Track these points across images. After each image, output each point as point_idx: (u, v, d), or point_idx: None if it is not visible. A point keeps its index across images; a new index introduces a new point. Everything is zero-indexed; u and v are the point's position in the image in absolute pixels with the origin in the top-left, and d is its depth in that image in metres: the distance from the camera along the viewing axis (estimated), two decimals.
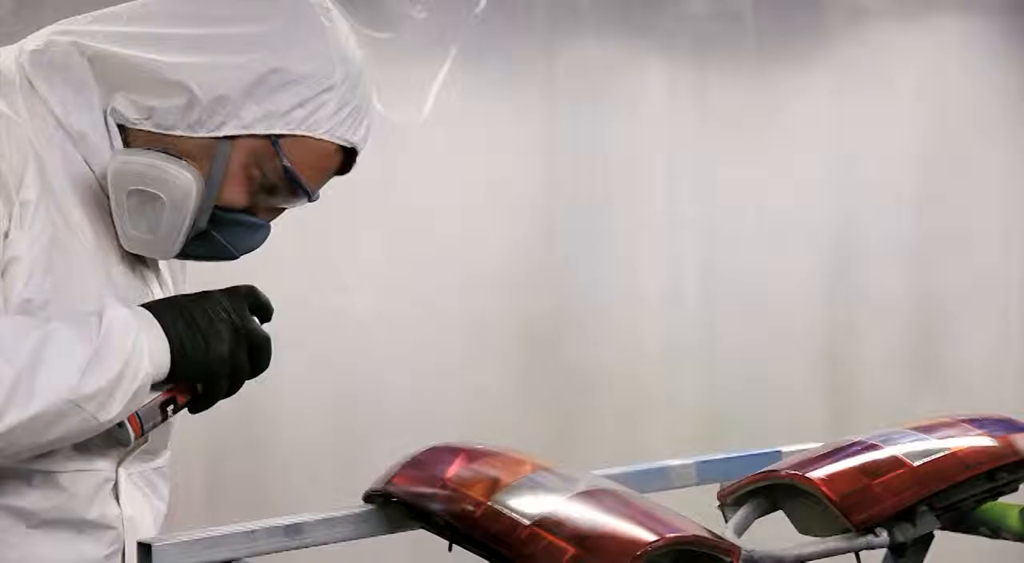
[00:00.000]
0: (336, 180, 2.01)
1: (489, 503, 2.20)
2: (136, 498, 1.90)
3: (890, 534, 2.36)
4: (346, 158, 1.81)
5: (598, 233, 5.08)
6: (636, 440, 4.97)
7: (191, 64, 1.69)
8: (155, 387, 1.70)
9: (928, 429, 2.59)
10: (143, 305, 1.69)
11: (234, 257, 1.82)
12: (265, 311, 1.79)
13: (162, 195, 1.69)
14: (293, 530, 2.26)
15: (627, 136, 5.16)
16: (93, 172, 1.73)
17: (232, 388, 1.74)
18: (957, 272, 5.83)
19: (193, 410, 1.76)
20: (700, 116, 5.32)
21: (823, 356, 5.57)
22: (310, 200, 1.81)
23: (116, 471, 1.84)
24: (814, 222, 5.56)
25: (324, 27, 1.75)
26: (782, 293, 5.45)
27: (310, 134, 1.74)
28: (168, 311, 1.67)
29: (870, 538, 2.35)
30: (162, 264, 1.88)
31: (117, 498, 1.85)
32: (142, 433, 1.72)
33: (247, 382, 1.78)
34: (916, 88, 5.79)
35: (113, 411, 1.61)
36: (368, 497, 2.41)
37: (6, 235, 1.62)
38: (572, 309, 5.01)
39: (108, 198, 1.72)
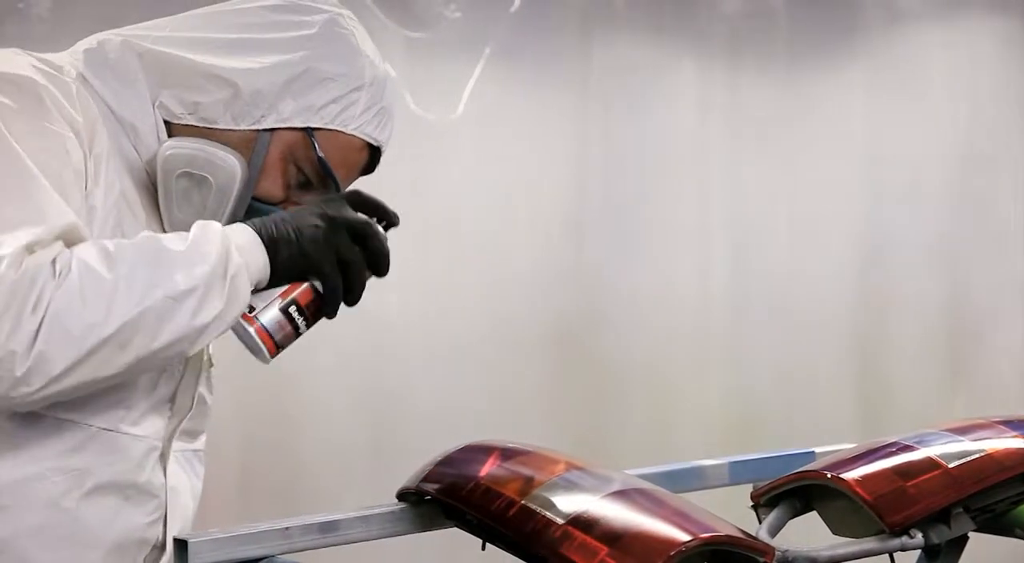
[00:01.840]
0: (367, 178, 2.07)
1: (523, 502, 2.20)
2: (178, 472, 2.00)
3: (924, 536, 2.35)
4: (371, 158, 1.96)
5: (628, 233, 5.07)
6: (666, 440, 4.97)
7: (237, 62, 1.85)
8: (265, 290, 1.74)
9: (962, 430, 2.58)
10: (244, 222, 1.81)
11: None
12: (377, 210, 1.85)
13: (210, 177, 1.80)
14: (328, 527, 2.27)
15: (658, 136, 5.15)
16: (142, 162, 1.86)
17: (350, 282, 1.77)
18: (989, 273, 5.80)
19: (328, 314, 1.78)
20: (732, 116, 5.30)
21: (854, 357, 5.55)
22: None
23: (165, 443, 1.95)
24: (845, 223, 5.54)
25: (353, 34, 1.92)
26: (813, 294, 5.44)
27: (342, 129, 1.89)
28: (260, 221, 1.77)
29: (904, 539, 2.34)
30: None
31: (164, 469, 1.95)
32: (274, 344, 1.75)
33: (377, 279, 1.82)
34: (949, 88, 5.77)
35: (216, 306, 1.67)
36: (401, 495, 2.42)
37: (86, 176, 1.75)
38: (602, 309, 5.00)
39: (155, 187, 1.85)
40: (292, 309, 1.75)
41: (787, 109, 5.39)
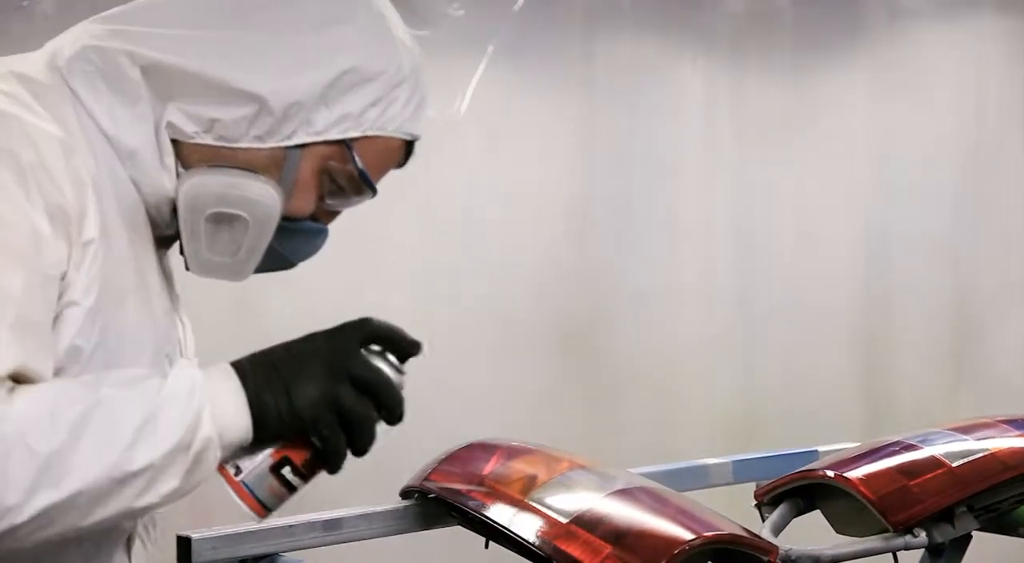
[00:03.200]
0: None
1: (526, 500, 2.20)
2: (140, 551, 1.71)
3: (928, 535, 2.36)
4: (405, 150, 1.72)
5: (633, 232, 5.07)
6: (670, 439, 4.96)
7: (262, 70, 1.55)
8: (252, 448, 1.45)
9: (966, 430, 2.58)
10: (233, 363, 1.48)
11: (291, 267, 1.71)
12: (394, 342, 1.51)
13: (245, 215, 1.55)
14: (331, 525, 2.28)
15: (663, 135, 5.15)
16: (139, 194, 1.56)
17: (357, 436, 1.46)
18: (994, 272, 5.79)
19: (330, 471, 1.48)
20: (737, 115, 5.30)
21: (858, 356, 5.54)
22: (372, 197, 1.68)
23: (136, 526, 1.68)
24: (850, 222, 5.54)
25: (384, 18, 1.63)
26: (818, 293, 5.43)
27: (381, 133, 1.61)
28: (250, 362, 1.47)
29: (908, 538, 2.34)
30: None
31: (128, 552, 1.67)
32: (262, 506, 1.47)
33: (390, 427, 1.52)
34: (954, 87, 5.76)
35: (169, 485, 1.39)
36: (405, 493, 2.42)
37: (63, 277, 1.44)
38: (607, 308, 5.00)
39: (152, 223, 1.58)
40: (286, 470, 1.47)
41: (792, 108, 5.39)
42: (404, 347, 1.51)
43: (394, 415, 1.49)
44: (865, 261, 5.61)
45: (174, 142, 1.56)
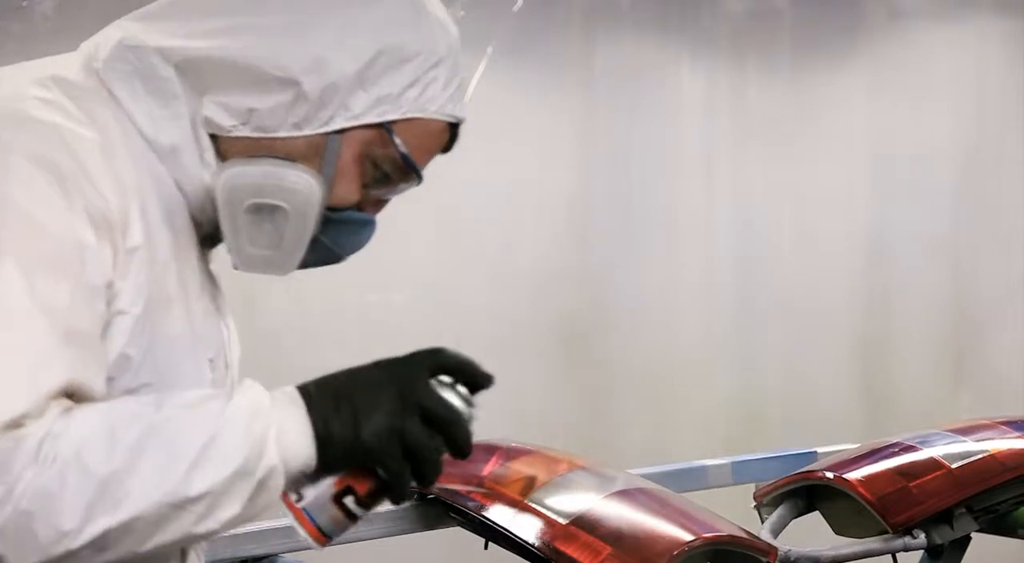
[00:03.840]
0: None
1: (526, 501, 2.20)
2: (194, 560, 1.72)
3: (927, 536, 2.36)
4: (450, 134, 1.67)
5: (633, 233, 5.07)
6: (669, 440, 4.96)
7: (295, 54, 1.51)
8: (316, 476, 1.41)
9: (965, 431, 2.58)
10: (299, 387, 1.44)
11: (340, 261, 1.66)
12: (465, 373, 1.46)
13: (284, 205, 1.52)
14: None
15: (663, 135, 5.15)
16: (182, 194, 1.53)
17: (424, 468, 1.40)
18: (993, 273, 5.79)
19: (393, 500, 1.43)
20: (736, 116, 5.30)
21: (858, 357, 5.54)
22: (419, 183, 1.64)
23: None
24: (850, 223, 5.54)
25: None
26: (817, 294, 5.43)
27: (421, 115, 1.55)
28: (318, 388, 1.42)
29: (907, 540, 2.35)
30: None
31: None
32: (323, 534, 1.43)
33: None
34: (953, 88, 5.76)
35: (231, 511, 1.34)
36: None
37: (110, 285, 1.41)
38: (607, 308, 5.00)
39: (195, 223, 1.55)
40: (348, 499, 1.42)
41: (792, 109, 5.39)
42: (476, 379, 1.46)
43: (461, 450, 1.44)
44: (865, 261, 5.62)
45: (212, 137, 1.53)
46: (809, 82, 5.49)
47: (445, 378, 1.43)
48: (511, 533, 2.18)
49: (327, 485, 1.42)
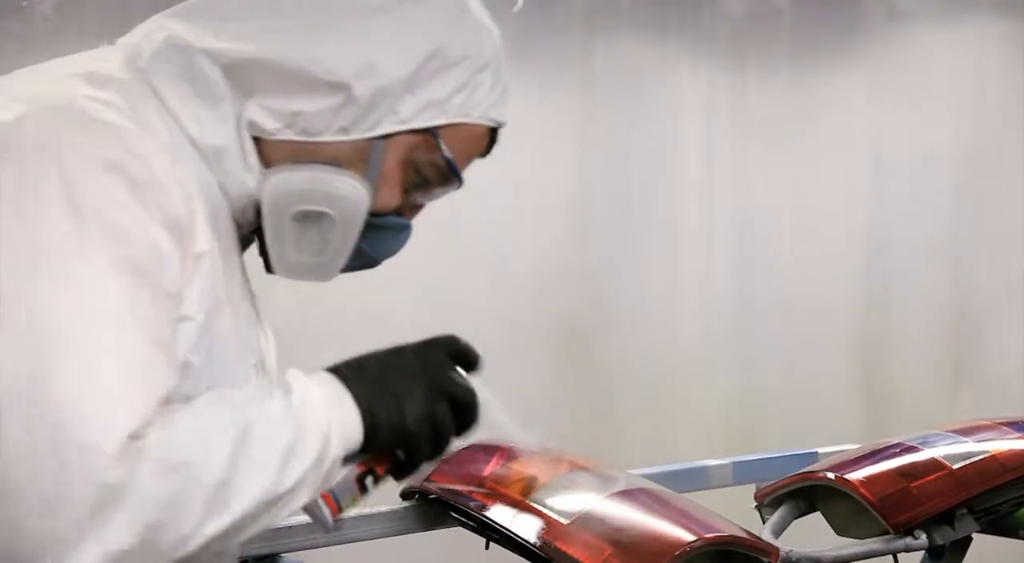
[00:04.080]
0: None
1: (527, 501, 2.20)
2: None
3: (928, 537, 2.36)
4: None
5: (633, 234, 5.07)
6: (670, 441, 4.96)
7: (346, 58, 1.48)
8: (349, 459, 1.47)
9: (966, 432, 2.58)
10: (329, 369, 1.47)
11: (376, 265, 1.66)
12: (467, 360, 1.53)
13: (331, 212, 1.50)
14: (331, 526, 2.27)
15: (663, 135, 5.15)
16: (225, 197, 1.51)
17: (435, 449, 1.48)
18: (993, 274, 5.79)
19: (397, 477, 1.53)
20: (736, 117, 5.30)
21: (858, 357, 5.54)
22: (459, 188, 1.63)
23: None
24: (849, 223, 5.54)
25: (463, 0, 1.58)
26: (817, 295, 5.43)
27: (467, 121, 1.55)
28: (357, 377, 1.45)
29: (908, 540, 2.34)
30: None
31: None
32: (339, 510, 1.50)
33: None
34: (953, 88, 5.76)
35: (301, 501, 1.39)
36: (405, 494, 2.42)
37: (178, 292, 1.41)
38: (607, 309, 5.00)
39: (237, 225, 1.54)
40: (368, 479, 1.49)
41: (792, 110, 5.39)
42: (474, 365, 1.54)
43: (468, 431, 1.51)
44: (865, 261, 5.62)
45: (255, 140, 1.51)
46: (809, 82, 5.49)
47: (454, 365, 1.51)
48: (512, 533, 2.17)
49: (351, 468, 1.47)
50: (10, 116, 1.37)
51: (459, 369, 1.51)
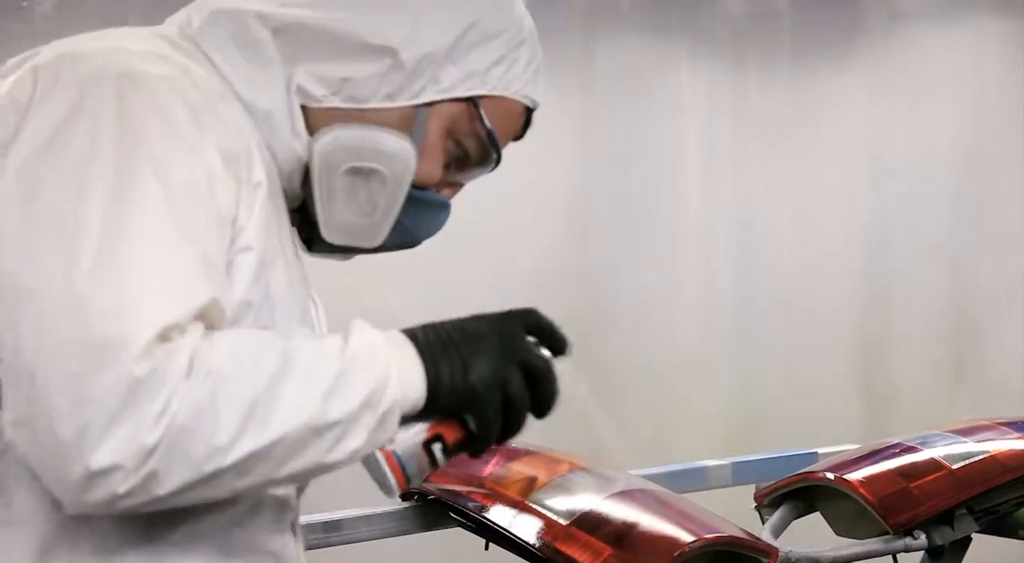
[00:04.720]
0: None
1: (526, 502, 2.20)
2: (300, 541, 1.66)
3: (928, 537, 2.36)
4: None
5: (632, 234, 5.07)
6: (669, 441, 4.96)
7: (394, 23, 1.52)
8: (413, 419, 1.43)
9: (966, 432, 2.58)
10: (404, 331, 1.46)
11: (415, 244, 1.68)
12: (550, 337, 1.52)
13: (382, 168, 1.53)
14: (332, 526, 2.27)
15: (663, 135, 5.15)
16: (274, 160, 1.53)
17: (511, 424, 1.45)
18: (993, 274, 5.79)
19: (472, 452, 1.48)
20: (736, 117, 5.30)
21: (858, 358, 5.54)
22: (495, 168, 1.68)
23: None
24: (849, 224, 5.54)
25: None
26: (817, 295, 5.43)
27: (505, 94, 1.58)
28: (425, 333, 1.45)
29: (908, 540, 2.34)
30: None
31: (295, 535, 1.61)
32: (406, 478, 1.45)
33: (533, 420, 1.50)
34: (953, 89, 5.76)
35: (355, 442, 1.36)
36: (405, 495, 2.41)
37: (235, 220, 1.41)
38: (607, 309, 5.00)
39: (284, 189, 1.55)
40: (436, 447, 1.44)
41: (792, 110, 5.39)
42: (557, 344, 1.52)
43: (547, 408, 1.49)
44: (865, 261, 5.62)
45: (302, 108, 1.53)
46: (809, 83, 5.49)
47: (531, 339, 1.49)
48: (511, 534, 2.17)
49: (417, 431, 1.44)
50: (65, 51, 1.41)
51: (542, 349, 1.50)
